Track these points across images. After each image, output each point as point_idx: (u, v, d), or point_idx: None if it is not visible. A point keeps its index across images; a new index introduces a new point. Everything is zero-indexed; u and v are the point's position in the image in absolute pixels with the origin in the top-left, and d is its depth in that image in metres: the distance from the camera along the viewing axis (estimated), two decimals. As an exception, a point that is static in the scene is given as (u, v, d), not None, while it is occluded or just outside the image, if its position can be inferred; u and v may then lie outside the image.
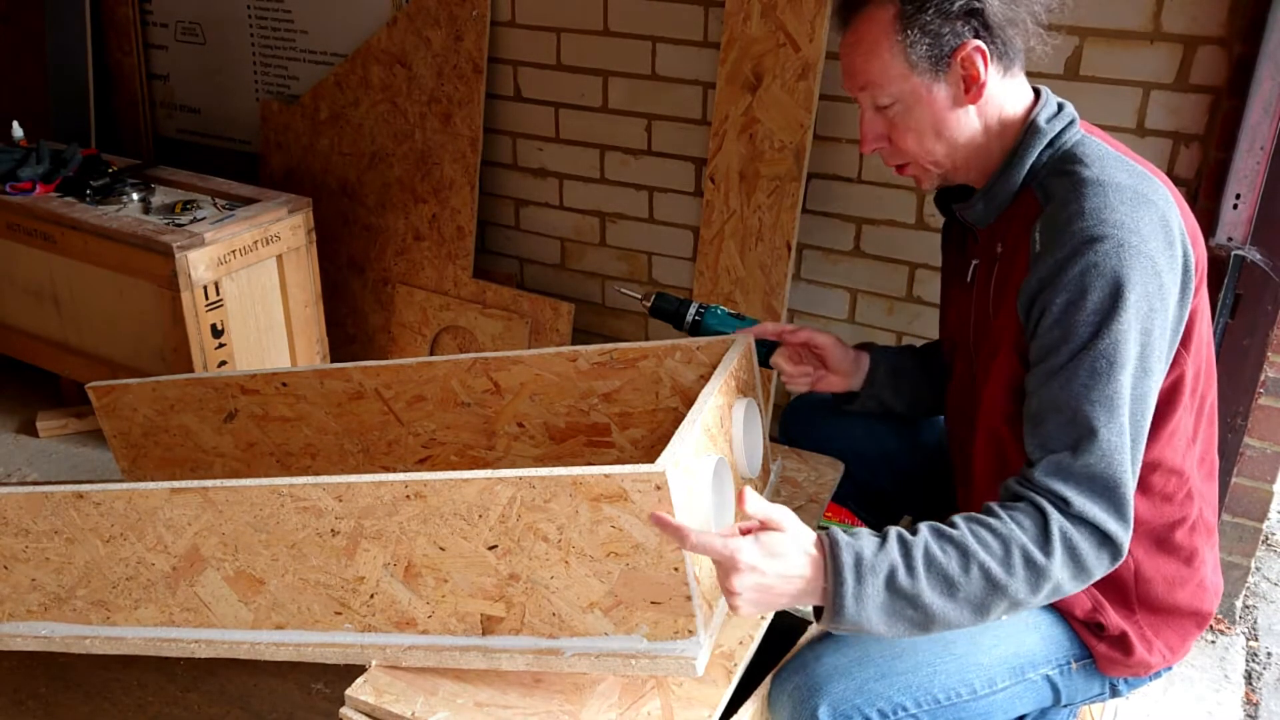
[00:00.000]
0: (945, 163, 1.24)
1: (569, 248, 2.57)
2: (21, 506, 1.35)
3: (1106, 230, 1.07)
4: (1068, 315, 1.08)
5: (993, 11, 1.14)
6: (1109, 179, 1.12)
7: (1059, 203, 1.13)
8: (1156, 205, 1.11)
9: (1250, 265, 1.77)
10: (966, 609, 1.05)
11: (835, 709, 1.15)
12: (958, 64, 1.16)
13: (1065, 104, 1.23)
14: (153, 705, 1.84)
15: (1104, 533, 1.06)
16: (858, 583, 1.02)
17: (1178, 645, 1.27)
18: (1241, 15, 1.72)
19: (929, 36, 1.15)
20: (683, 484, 1.09)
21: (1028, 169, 1.19)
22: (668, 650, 1.11)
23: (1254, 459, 1.94)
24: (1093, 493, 1.06)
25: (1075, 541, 1.06)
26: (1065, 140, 1.19)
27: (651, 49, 2.27)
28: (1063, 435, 1.08)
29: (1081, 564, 1.07)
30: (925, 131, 1.21)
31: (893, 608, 1.03)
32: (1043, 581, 1.05)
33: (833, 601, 1.02)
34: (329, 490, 1.19)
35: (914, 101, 1.19)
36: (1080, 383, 1.07)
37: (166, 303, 2.22)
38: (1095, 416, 1.06)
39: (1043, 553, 1.04)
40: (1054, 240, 1.10)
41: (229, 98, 2.94)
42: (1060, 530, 1.05)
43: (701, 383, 1.46)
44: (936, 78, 1.17)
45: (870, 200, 2.16)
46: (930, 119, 1.20)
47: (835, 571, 1.02)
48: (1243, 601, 2.09)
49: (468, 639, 1.19)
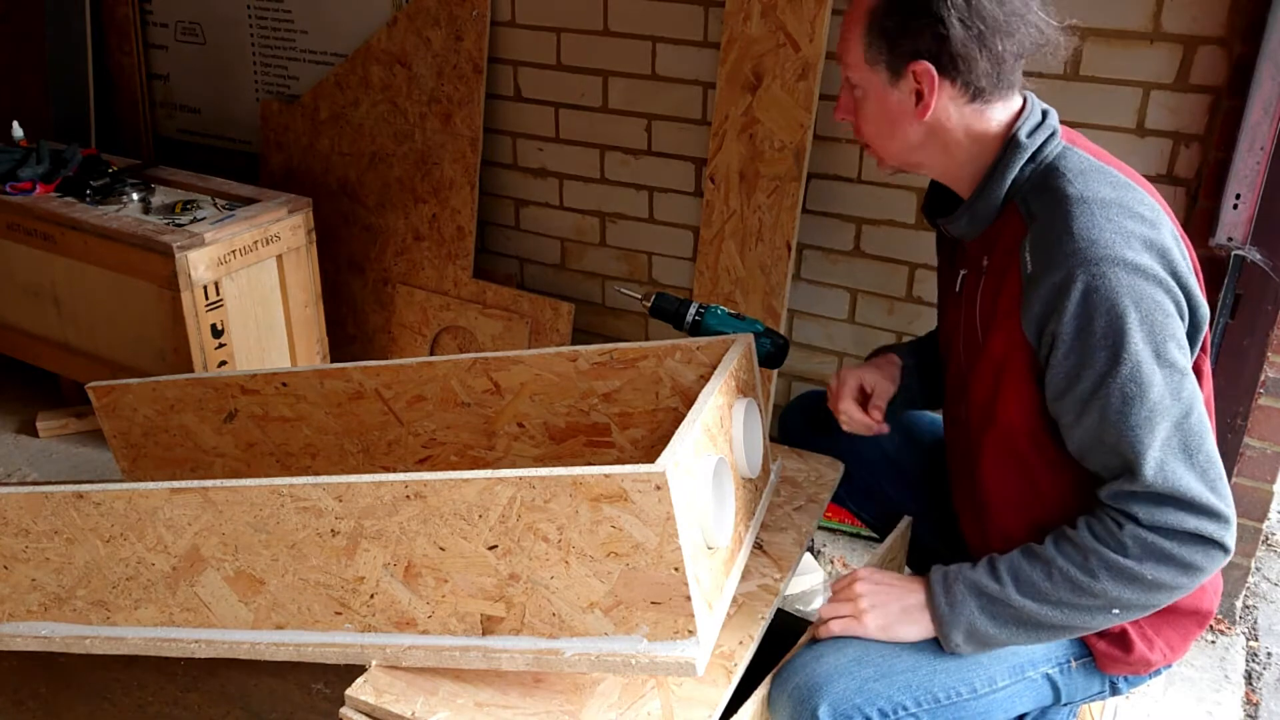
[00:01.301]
0: (898, 160, 1.26)
1: (569, 248, 2.57)
2: (21, 506, 1.35)
3: (1098, 251, 1.07)
4: (1079, 343, 1.09)
5: (955, 39, 1.12)
6: (1092, 194, 1.12)
7: (1044, 222, 1.13)
8: (1143, 217, 1.11)
9: (1250, 265, 1.77)
10: (1063, 611, 1.14)
11: (835, 709, 1.15)
12: (910, 78, 1.16)
13: (1049, 112, 1.22)
14: (153, 705, 1.84)
15: (1186, 532, 1.09)
16: (946, 593, 1.18)
17: (1178, 644, 1.27)
18: (1241, 15, 1.72)
19: (886, 41, 1.16)
20: (683, 484, 1.09)
21: (1009, 184, 1.19)
22: (668, 650, 1.11)
23: (1254, 459, 1.95)
24: (1159, 505, 1.09)
25: (1157, 545, 1.09)
26: (1047, 154, 1.18)
27: (651, 49, 2.27)
28: (1113, 464, 1.11)
29: (1181, 562, 1.10)
30: (878, 126, 1.23)
31: (991, 610, 1.16)
32: (1133, 580, 1.10)
33: (933, 611, 1.19)
34: (329, 490, 1.19)
35: (870, 95, 1.21)
36: (1115, 410, 1.09)
37: (166, 303, 2.22)
38: (1139, 440, 1.08)
39: (1121, 554, 1.10)
40: (1045, 263, 1.10)
41: (229, 98, 2.94)
42: (1133, 535, 1.10)
43: (701, 383, 1.46)
44: (891, 83, 1.18)
45: (870, 200, 2.16)
46: (883, 117, 1.22)
47: (929, 585, 1.20)
48: (1243, 601, 2.09)
49: (468, 639, 1.19)
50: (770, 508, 1.49)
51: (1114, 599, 1.11)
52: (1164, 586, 1.11)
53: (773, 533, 1.44)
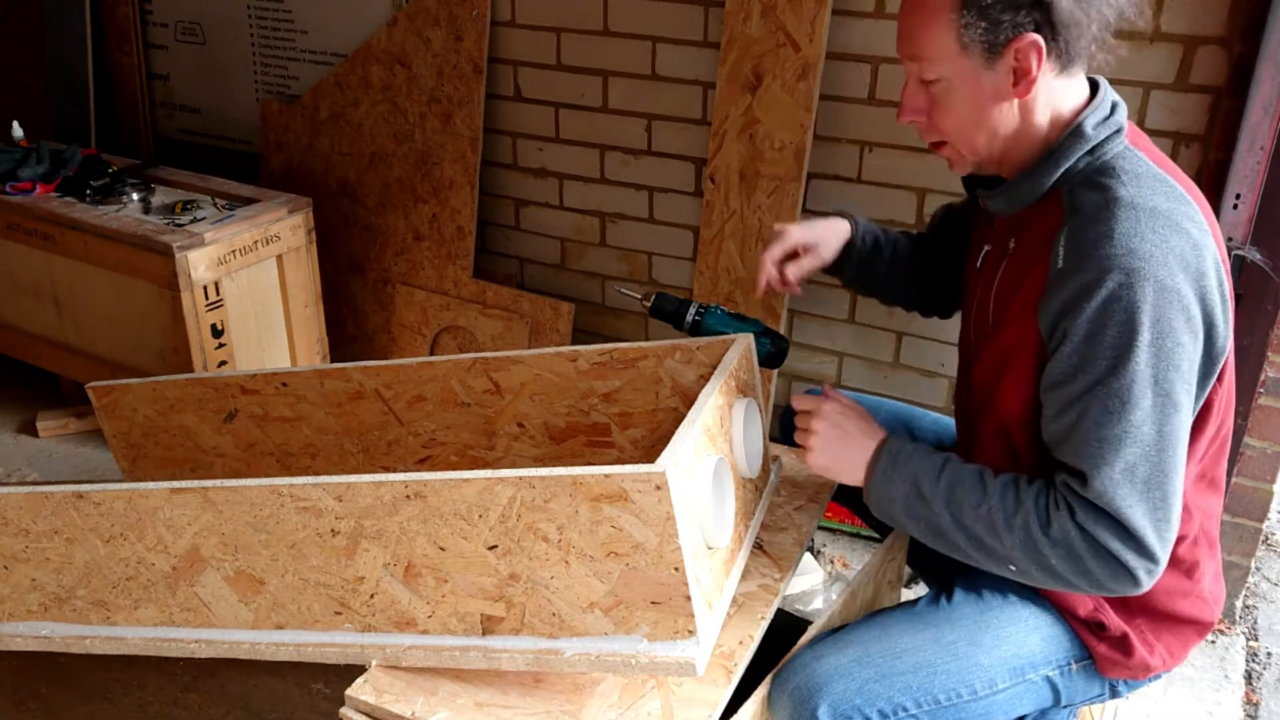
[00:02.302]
0: (983, 152, 1.20)
1: (569, 248, 2.57)
2: (21, 506, 1.35)
3: (1134, 262, 1.05)
4: (1086, 345, 1.07)
5: (1060, 8, 1.09)
6: (1143, 202, 1.09)
7: (1087, 219, 1.10)
8: (1189, 234, 1.08)
9: (1250, 265, 1.77)
10: (969, 540, 1.15)
11: (835, 709, 1.15)
12: (1010, 55, 1.11)
13: (1119, 106, 1.18)
14: (153, 705, 1.84)
15: (1108, 550, 1.08)
16: (891, 467, 1.20)
17: (1178, 650, 1.27)
18: (1241, 15, 1.72)
19: (987, 21, 1.10)
20: (683, 484, 1.09)
21: (1061, 173, 1.16)
22: (668, 650, 1.11)
23: (1254, 459, 1.95)
24: (1095, 515, 1.09)
25: (1073, 542, 1.09)
26: (1107, 150, 1.15)
27: (651, 49, 2.27)
28: (1076, 463, 1.10)
29: (1084, 567, 1.09)
30: (965, 117, 1.17)
31: (913, 503, 1.18)
32: (1037, 556, 1.11)
33: (868, 470, 1.22)
34: (329, 490, 1.19)
35: (959, 84, 1.15)
36: (1092, 419, 1.08)
37: (166, 303, 2.22)
38: (1102, 455, 1.07)
39: (1042, 531, 1.11)
40: (1079, 261, 1.08)
41: (229, 98, 2.94)
42: (1061, 522, 1.10)
43: (701, 383, 1.46)
44: (987, 65, 1.12)
45: (870, 200, 2.16)
46: (973, 106, 1.16)
47: (878, 450, 1.23)
48: (1243, 601, 2.09)
49: (468, 639, 1.19)
50: (770, 508, 1.49)
51: (1014, 559, 1.13)
52: (1059, 577, 1.12)
53: (773, 533, 1.44)
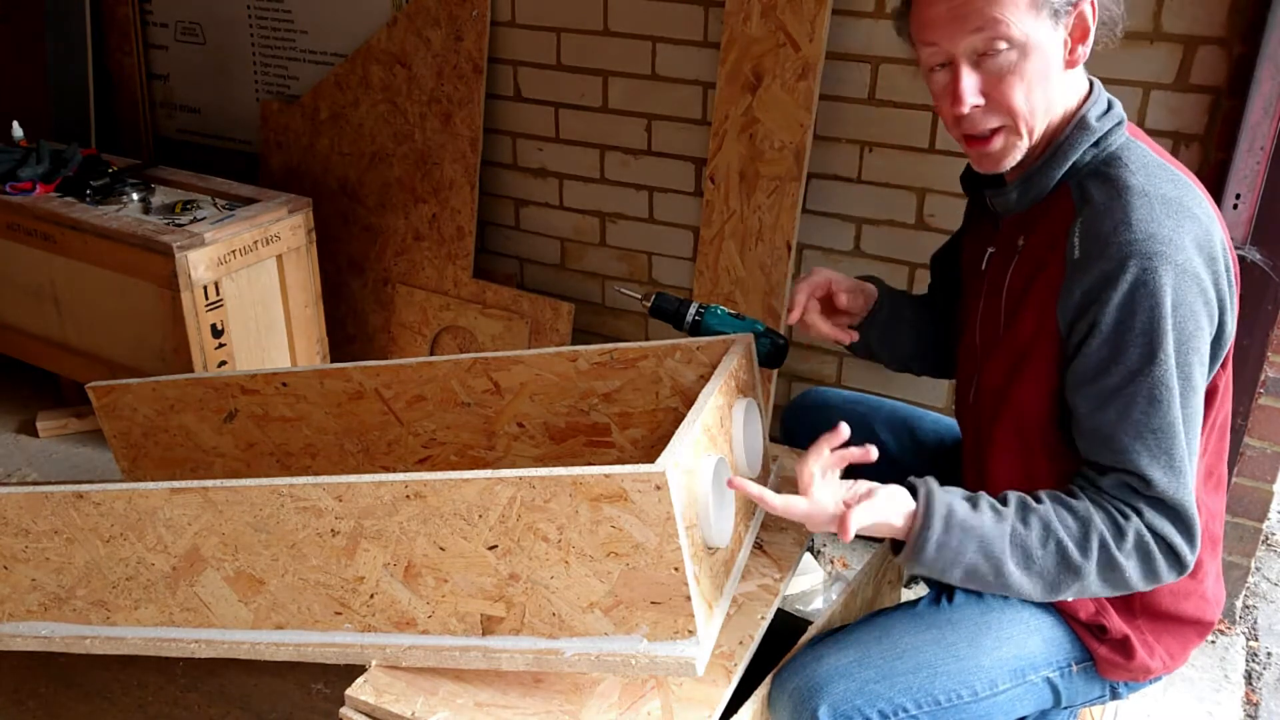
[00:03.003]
0: (1037, 130, 1.16)
1: (569, 248, 2.57)
2: (21, 506, 1.35)
3: (1154, 246, 1.06)
4: (1117, 335, 1.08)
5: None
6: (1154, 189, 1.10)
7: (1100, 209, 1.11)
8: (1200, 220, 1.10)
9: (1250, 265, 1.77)
10: (1040, 583, 1.11)
11: (835, 709, 1.15)
12: (1072, 18, 1.11)
13: (1115, 102, 1.19)
14: (153, 705, 1.84)
15: (1171, 546, 1.10)
16: (945, 532, 1.10)
17: (1178, 652, 1.27)
18: (1241, 15, 1.72)
19: None
20: (683, 484, 1.09)
21: (1069, 165, 1.16)
22: (668, 650, 1.11)
23: (1254, 459, 1.95)
24: (1162, 513, 1.10)
25: (1149, 545, 1.10)
26: (1111, 142, 1.16)
27: (651, 49, 2.27)
28: (1128, 460, 1.10)
29: (1153, 568, 1.11)
30: (1035, 85, 1.12)
31: (974, 569, 1.10)
32: (1115, 572, 1.10)
33: (915, 543, 1.10)
34: (329, 490, 1.19)
35: (1035, 47, 1.10)
36: (1140, 409, 1.08)
37: (166, 303, 2.22)
38: (1159, 447, 1.08)
39: (1117, 545, 1.09)
40: (1098, 250, 1.09)
41: (229, 98, 2.94)
42: (1136, 532, 1.10)
43: (701, 383, 1.46)
44: (1055, 26, 1.10)
45: (870, 200, 2.16)
46: (1043, 71, 1.11)
47: (926, 515, 1.10)
48: (1243, 601, 2.08)
49: (468, 639, 1.19)
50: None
51: (1085, 583, 1.11)
52: (1126, 584, 1.12)
53: (773, 533, 1.44)
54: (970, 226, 1.41)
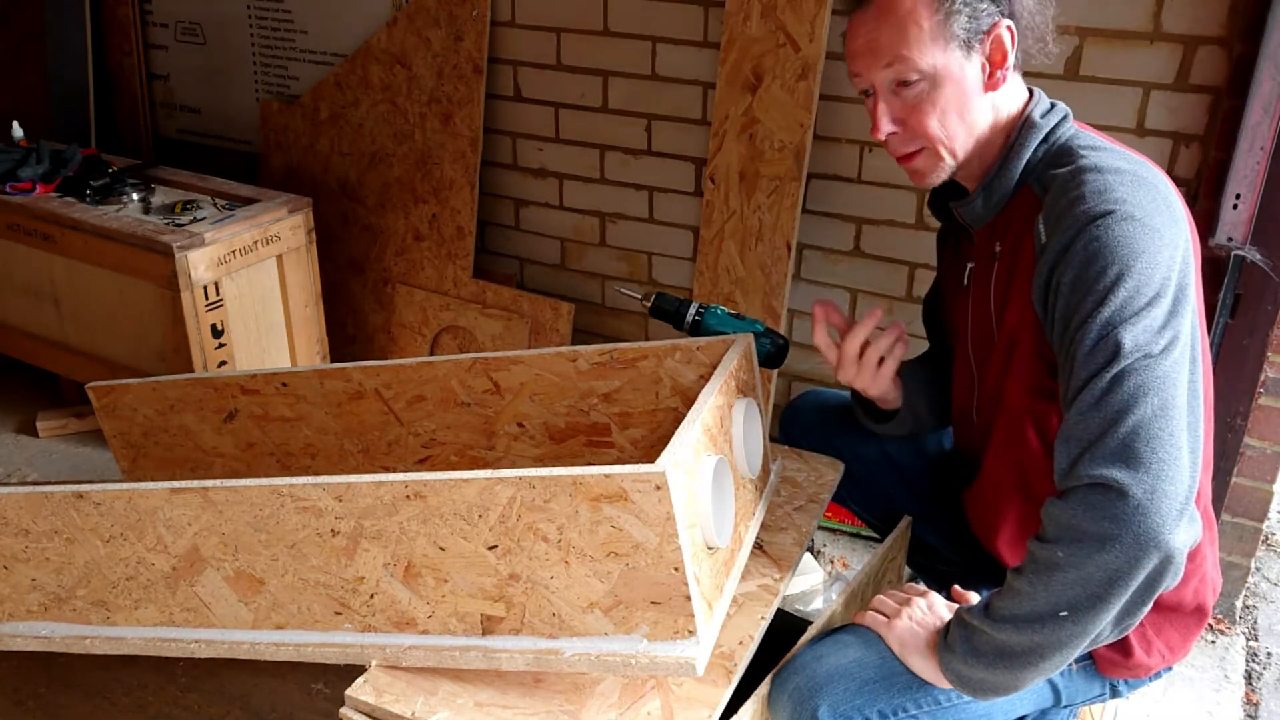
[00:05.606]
0: (959, 151, 1.22)
1: (569, 248, 2.57)
2: (21, 506, 1.35)
3: (1110, 206, 1.07)
4: (1082, 275, 1.06)
5: (1022, 4, 1.16)
6: (1107, 165, 1.12)
7: (1058, 191, 1.13)
8: (1158, 188, 1.11)
9: (1250, 265, 1.77)
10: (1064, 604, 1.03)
11: (835, 709, 1.15)
12: (988, 44, 1.16)
13: (1057, 103, 1.24)
14: (153, 705, 1.84)
15: (1112, 484, 0.99)
16: (947, 649, 1.13)
17: (1178, 644, 1.27)
18: (1241, 15, 1.72)
19: (969, 8, 1.14)
20: (683, 484, 1.09)
21: (1024, 164, 1.19)
22: (668, 650, 1.11)
23: (1254, 459, 1.94)
24: (1109, 461, 1.01)
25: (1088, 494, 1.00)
26: (1060, 135, 1.20)
27: (651, 49, 2.27)
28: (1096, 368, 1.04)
29: (1105, 511, 0.99)
30: (949, 111, 1.18)
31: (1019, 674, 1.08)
32: (1073, 531, 1.00)
33: (951, 666, 1.13)
34: (329, 490, 1.19)
35: (945, 78, 1.17)
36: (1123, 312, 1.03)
37: (166, 303, 2.22)
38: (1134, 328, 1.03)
39: (1062, 509, 1.03)
40: (1059, 226, 1.10)
41: (229, 98, 2.94)
42: (1073, 490, 1.02)
43: (701, 383, 1.46)
44: (968, 55, 1.16)
45: (870, 200, 2.16)
46: (957, 98, 1.18)
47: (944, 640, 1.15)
48: (1243, 601, 2.08)
49: (468, 639, 1.19)
50: (770, 508, 1.49)
51: (1067, 565, 1.02)
52: (1084, 534, 1.00)
53: (773, 533, 1.44)
54: (945, 256, 1.43)
